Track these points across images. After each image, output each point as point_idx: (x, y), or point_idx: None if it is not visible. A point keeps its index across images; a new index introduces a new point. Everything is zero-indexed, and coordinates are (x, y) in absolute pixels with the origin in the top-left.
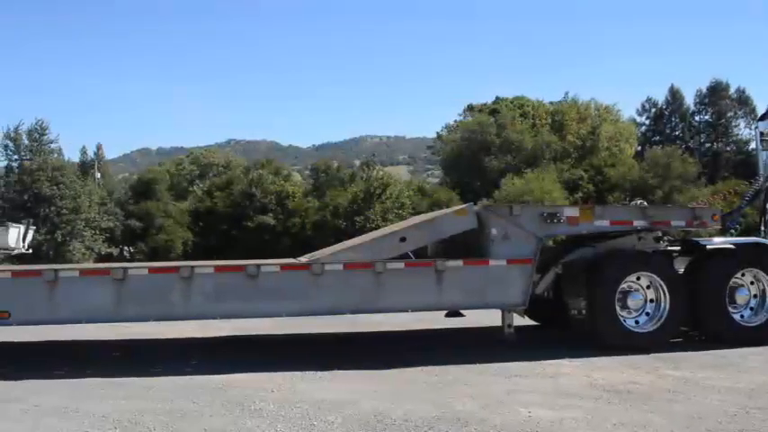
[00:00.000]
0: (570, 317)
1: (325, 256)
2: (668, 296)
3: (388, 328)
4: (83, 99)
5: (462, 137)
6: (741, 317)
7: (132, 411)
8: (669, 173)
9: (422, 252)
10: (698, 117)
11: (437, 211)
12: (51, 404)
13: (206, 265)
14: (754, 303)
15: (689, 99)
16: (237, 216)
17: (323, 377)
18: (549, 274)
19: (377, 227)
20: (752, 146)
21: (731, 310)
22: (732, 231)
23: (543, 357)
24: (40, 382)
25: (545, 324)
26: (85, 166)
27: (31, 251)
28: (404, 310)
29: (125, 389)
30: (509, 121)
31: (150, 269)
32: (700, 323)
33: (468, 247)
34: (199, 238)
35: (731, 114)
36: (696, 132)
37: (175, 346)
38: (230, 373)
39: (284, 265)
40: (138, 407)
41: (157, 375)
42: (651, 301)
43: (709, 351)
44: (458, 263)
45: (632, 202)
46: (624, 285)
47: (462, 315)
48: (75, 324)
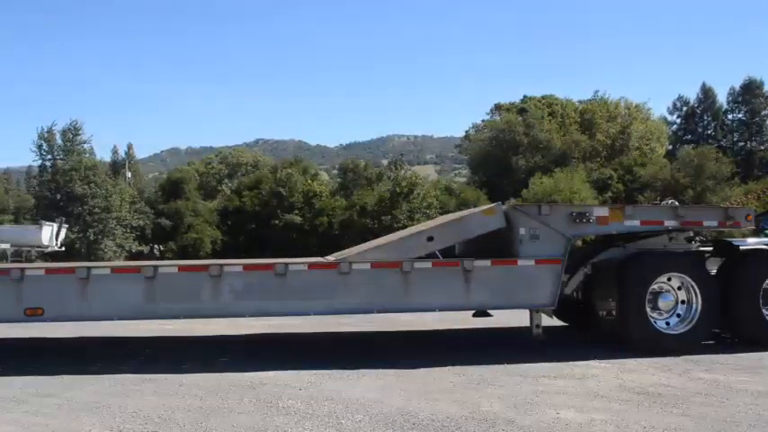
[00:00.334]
0: (599, 318)
1: (353, 255)
2: (700, 297)
3: (416, 328)
4: (114, 99)
5: (490, 136)
6: None
7: (163, 407)
8: (701, 172)
9: (449, 252)
10: (731, 115)
11: (465, 211)
12: (84, 399)
13: (235, 264)
14: None
15: (721, 97)
16: (265, 215)
17: (350, 376)
18: (578, 275)
19: (404, 226)
20: None
21: (765, 312)
22: (766, 232)
23: (572, 358)
24: (73, 377)
25: (574, 325)
26: (117, 166)
27: (63, 249)
28: (431, 310)
29: (156, 385)
30: (537, 120)
31: (180, 267)
32: (733, 325)
33: (496, 246)
34: (227, 237)
35: (765, 113)
36: (729, 131)
37: (205, 343)
38: (259, 371)
39: (312, 264)
40: (169, 403)
41: (188, 372)
42: (682, 302)
43: (742, 354)
44: (486, 263)
45: (663, 202)
46: (655, 286)
47: (490, 315)
48: (107, 321)
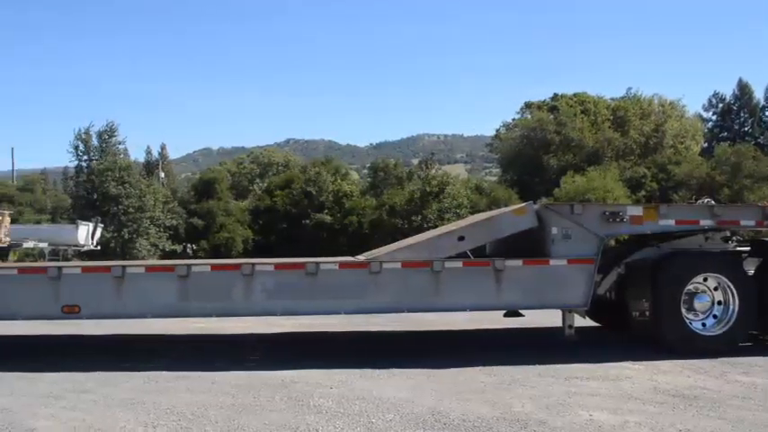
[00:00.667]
0: (633, 318)
1: (383, 254)
2: (737, 298)
3: (446, 328)
4: (147, 100)
5: (521, 135)
6: None
7: (196, 404)
8: (738, 170)
9: (480, 251)
10: None
11: (496, 210)
12: (120, 396)
13: (266, 263)
14: None
15: (758, 93)
16: (296, 214)
17: (381, 375)
18: (612, 275)
19: (434, 226)
20: None
21: None
22: None
23: (605, 359)
24: (108, 374)
25: (607, 326)
26: (150, 166)
27: (99, 248)
28: (462, 310)
29: (189, 382)
30: (569, 119)
31: (213, 266)
32: None
33: (528, 246)
34: (259, 236)
35: None
36: (767, 128)
37: (237, 341)
38: (291, 370)
39: (343, 264)
40: (202, 400)
41: (220, 370)
42: (719, 303)
43: None
44: (517, 262)
45: (699, 201)
46: (690, 287)
47: (521, 315)
48: (142, 319)
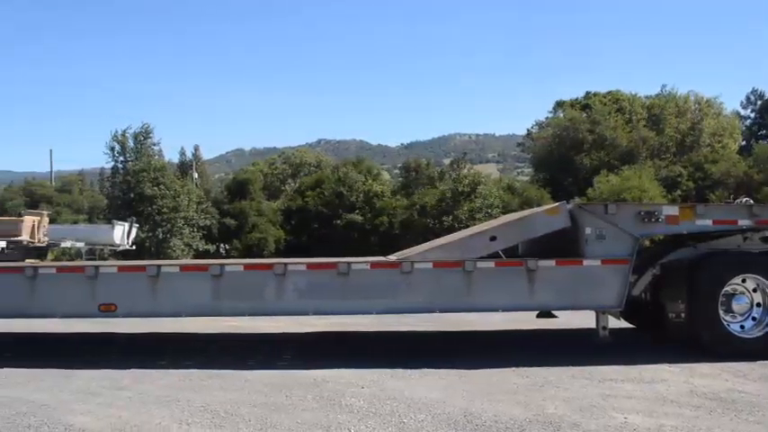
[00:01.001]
0: (669, 320)
1: (415, 254)
2: None
3: (478, 328)
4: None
5: (553, 134)
6: None
7: (229, 402)
8: None
9: (512, 251)
10: None
11: (528, 210)
12: (155, 393)
13: (299, 263)
14: None
15: None
16: (327, 215)
17: (412, 375)
18: (647, 276)
19: (465, 226)
20: None
21: None
22: None
23: (640, 362)
24: (144, 371)
25: (642, 327)
26: (184, 167)
27: (134, 247)
28: (494, 310)
29: (222, 381)
30: (603, 117)
31: (245, 266)
32: None
33: (560, 246)
34: (291, 236)
35: None
36: None
37: (269, 340)
38: (322, 369)
39: (374, 264)
40: (235, 398)
41: (253, 369)
42: (758, 305)
43: None
44: (550, 262)
45: (737, 201)
46: (728, 288)
47: (554, 316)
48: (176, 317)
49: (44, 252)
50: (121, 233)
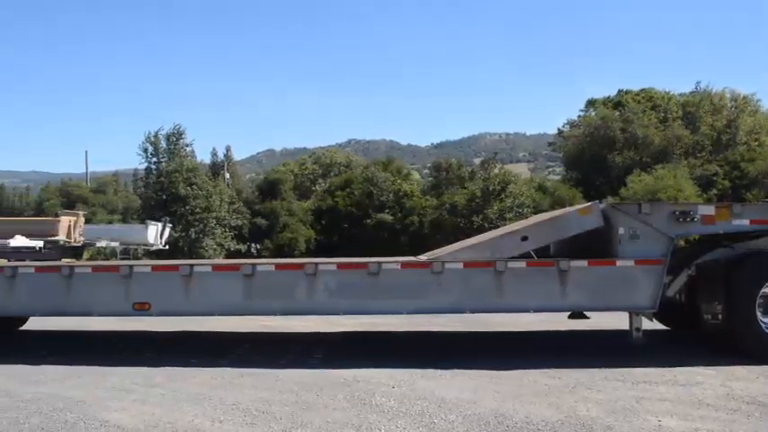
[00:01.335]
0: (704, 322)
1: (446, 254)
2: None
3: (509, 329)
4: (213, 104)
5: (585, 132)
6: None
7: (261, 401)
8: None
9: (543, 252)
10: None
11: (560, 210)
12: (187, 391)
13: (329, 263)
14: None
15: None
16: (357, 214)
17: (443, 375)
18: (682, 276)
19: (495, 226)
20: None
21: None
22: None
23: (675, 364)
24: (176, 369)
25: (676, 329)
26: (216, 167)
27: (167, 247)
28: (525, 311)
29: (254, 379)
30: (636, 115)
31: (277, 266)
32: None
33: (593, 247)
34: (321, 236)
35: None
36: None
37: (300, 340)
38: (353, 368)
39: (405, 263)
40: (266, 397)
41: (284, 368)
42: None
43: None
44: (582, 263)
45: None
46: (766, 289)
47: (587, 317)
48: (208, 316)
49: (80, 251)
50: (155, 233)
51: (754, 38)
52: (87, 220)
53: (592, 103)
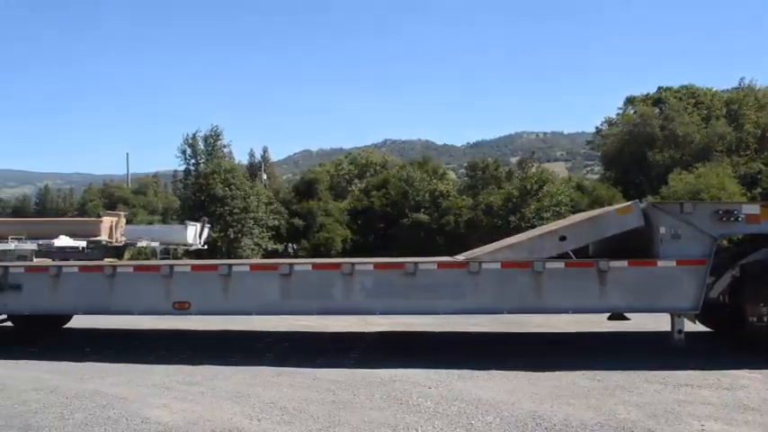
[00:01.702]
0: (749, 324)
1: (483, 254)
2: None
3: (547, 330)
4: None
5: (624, 130)
6: None
7: (298, 399)
8: None
9: (582, 252)
10: None
11: (599, 209)
12: (226, 389)
13: (366, 263)
14: None
15: None
16: (393, 214)
17: (480, 376)
18: (725, 277)
19: (532, 225)
20: None
21: None
22: None
23: (717, 367)
24: (216, 368)
25: (720, 331)
26: (253, 168)
27: (206, 247)
28: (564, 312)
29: (292, 378)
30: (677, 113)
31: (314, 265)
32: None
33: (632, 247)
34: (357, 236)
35: None
36: None
37: (337, 339)
38: (389, 368)
39: (441, 264)
40: (304, 396)
41: (321, 367)
42: None
43: None
44: (622, 263)
45: None
46: None
47: (627, 318)
48: (246, 315)
49: (121, 251)
50: (194, 233)
51: None
52: (128, 221)
53: (631, 100)
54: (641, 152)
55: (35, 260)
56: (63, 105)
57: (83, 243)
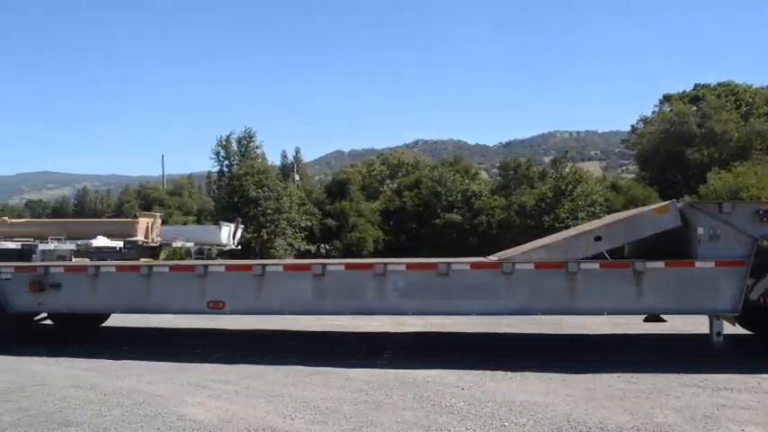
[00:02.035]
0: None
1: (517, 254)
2: None
3: (581, 331)
4: (284, 106)
5: (660, 129)
6: None
7: (331, 399)
8: None
9: (617, 253)
10: None
11: (635, 209)
12: (260, 388)
13: (399, 263)
14: None
15: None
16: (425, 214)
17: (513, 378)
18: (766, 279)
19: (567, 226)
20: None
21: None
22: None
23: (758, 371)
24: (250, 367)
25: (759, 334)
26: (286, 169)
27: (240, 247)
28: (599, 313)
29: (324, 378)
30: (715, 110)
31: (347, 266)
32: None
33: (669, 248)
34: (389, 237)
35: None
36: None
37: (370, 339)
38: (422, 369)
39: (474, 264)
40: (337, 395)
41: (354, 367)
42: None
43: None
44: (659, 264)
45: None
46: None
47: (663, 320)
48: (279, 315)
49: (157, 251)
50: (228, 233)
51: None
52: (164, 222)
53: (667, 98)
54: (678, 151)
55: (74, 260)
56: (101, 108)
57: (120, 243)
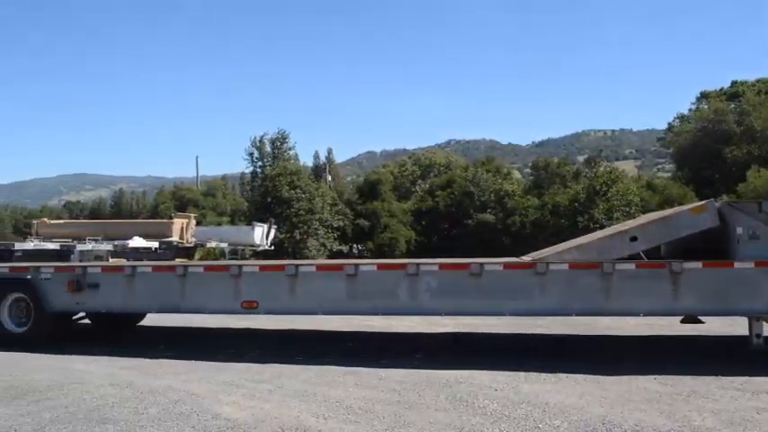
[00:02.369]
0: None
1: (550, 255)
2: None
3: (616, 333)
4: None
5: (697, 127)
6: None
7: (364, 399)
8: None
9: (653, 253)
10: None
11: (671, 209)
12: (293, 387)
13: (431, 263)
14: None
15: None
16: (458, 215)
17: (547, 379)
18: None
19: (601, 226)
20: None
21: None
22: None
23: None
24: (283, 366)
25: None
26: (318, 170)
27: (273, 248)
28: (634, 314)
29: (357, 378)
30: (754, 107)
31: (379, 266)
32: None
33: (706, 248)
34: (421, 237)
35: None
36: None
37: (402, 339)
38: (454, 370)
39: (507, 264)
40: (370, 395)
41: (386, 367)
42: None
43: None
44: (696, 264)
45: None
46: None
47: (701, 322)
48: (312, 315)
49: (192, 252)
50: (261, 234)
51: None
52: (198, 222)
53: (704, 95)
54: (716, 149)
55: (111, 260)
56: (137, 112)
57: (155, 244)
